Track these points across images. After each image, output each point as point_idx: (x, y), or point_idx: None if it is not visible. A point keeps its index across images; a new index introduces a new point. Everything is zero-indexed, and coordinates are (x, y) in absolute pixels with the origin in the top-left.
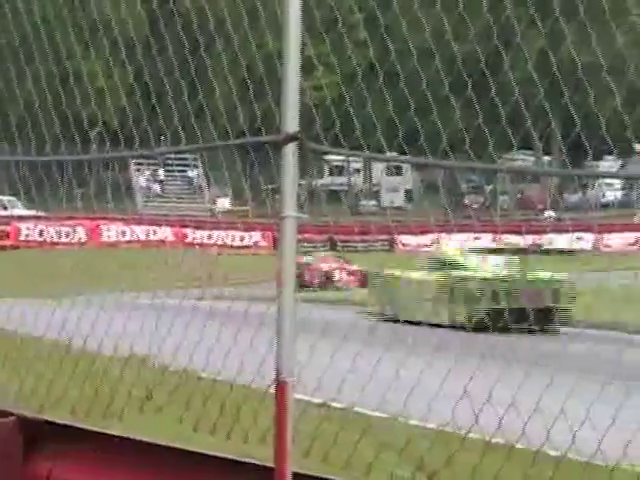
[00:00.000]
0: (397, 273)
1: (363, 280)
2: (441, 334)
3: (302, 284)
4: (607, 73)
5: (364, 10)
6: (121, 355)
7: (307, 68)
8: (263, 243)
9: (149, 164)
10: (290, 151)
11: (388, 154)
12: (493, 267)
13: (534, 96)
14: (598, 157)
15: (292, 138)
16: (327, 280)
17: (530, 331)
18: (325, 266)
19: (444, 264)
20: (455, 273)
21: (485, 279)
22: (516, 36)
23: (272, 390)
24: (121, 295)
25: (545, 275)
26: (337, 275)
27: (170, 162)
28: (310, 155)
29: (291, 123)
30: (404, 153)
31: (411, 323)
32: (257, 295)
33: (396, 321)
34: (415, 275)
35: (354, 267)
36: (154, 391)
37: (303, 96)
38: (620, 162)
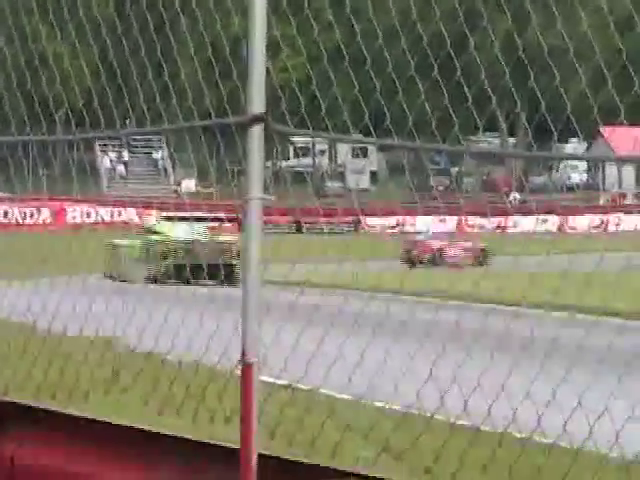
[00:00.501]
0: (115, 241)
1: (478, 256)
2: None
3: (411, 260)
4: (573, 55)
5: None
6: (86, 337)
7: (273, 49)
8: (228, 225)
9: (114, 145)
10: (256, 132)
11: (354, 136)
12: (182, 232)
13: (500, 78)
14: (563, 139)
15: (258, 119)
16: (439, 257)
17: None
18: (437, 243)
19: (146, 231)
20: (152, 237)
21: (171, 241)
22: (482, 18)
23: (238, 371)
24: (86, 277)
25: (222, 238)
26: (450, 252)
27: (135, 144)
28: (275, 136)
29: (257, 104)
30: (369, 134)
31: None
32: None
33: (116, 280)
34: (125, 242)
35: (469, 244)
36: (119, 373)
37: (269, 77)
38: (585, 144)
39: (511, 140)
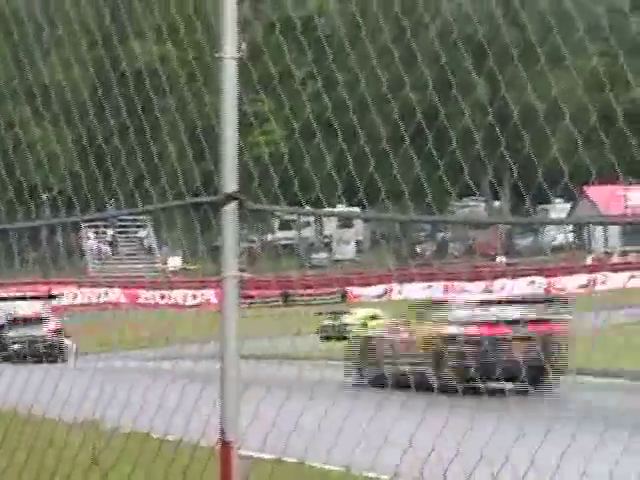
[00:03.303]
0: None
1: None
2: None
3: None
4: (544, 118)
5: (303, 65)
6: (67, 420)
7: (246, 125)
8: (214, 301)
9: (97, 226)
10: (230, 211)
11: (334, 208)
12: None
13: (475, 144)
14: (547, 200)
15: (231, 198)
16: None
17: None
18: None
19: None
20: None
21: None
22: (456, 86)
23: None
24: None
25: None
26: None
27: (121, 223)
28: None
29: (230, 183)
30: (351, 205)
31: None
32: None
33: None
34: None
35: None
36: (101, 455)
37: (243, 154)
38: (569, 205)
39: (496, 203)
